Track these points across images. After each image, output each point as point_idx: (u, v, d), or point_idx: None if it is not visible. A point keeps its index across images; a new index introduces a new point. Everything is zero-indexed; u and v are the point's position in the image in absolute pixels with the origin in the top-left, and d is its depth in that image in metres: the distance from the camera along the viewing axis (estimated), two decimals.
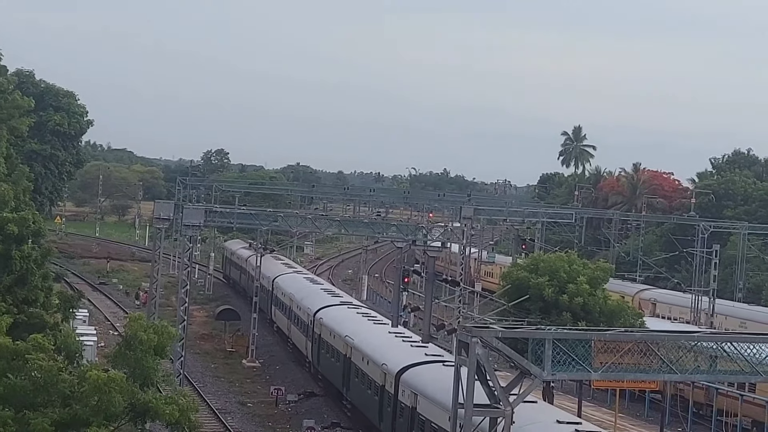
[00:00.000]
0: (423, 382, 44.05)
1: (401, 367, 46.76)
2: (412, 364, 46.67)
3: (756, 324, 77.34)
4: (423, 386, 43.63)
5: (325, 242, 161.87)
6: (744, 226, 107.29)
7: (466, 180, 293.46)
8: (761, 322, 77.46)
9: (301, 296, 72.67)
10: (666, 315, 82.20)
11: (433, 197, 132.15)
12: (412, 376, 45.53)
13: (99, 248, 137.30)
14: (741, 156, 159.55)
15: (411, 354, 48.78)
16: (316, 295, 72.02)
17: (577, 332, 29.65)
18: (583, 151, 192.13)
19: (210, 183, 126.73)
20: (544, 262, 55.04)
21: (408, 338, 54.12)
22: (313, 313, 65.72)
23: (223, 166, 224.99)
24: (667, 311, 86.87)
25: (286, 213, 64.84)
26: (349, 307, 66.55)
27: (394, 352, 50.19)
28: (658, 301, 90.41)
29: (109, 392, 31.96)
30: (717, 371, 29.38)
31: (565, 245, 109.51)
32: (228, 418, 56.69)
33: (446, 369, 43.64)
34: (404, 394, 45.26)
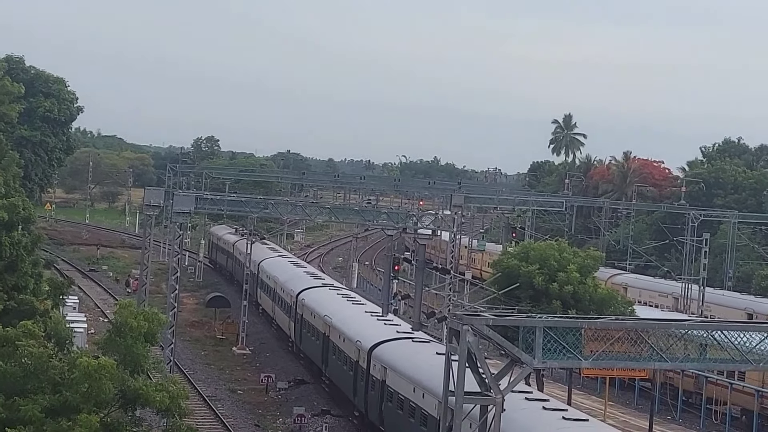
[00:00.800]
0: (392, 357, 46.63)
1: (373, 343, 49.24)
2: (383, 341, 49.18)
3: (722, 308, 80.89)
4: (392, 360, 46.28)
5: (316, 230, 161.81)
6: (734, 215, 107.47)
7: (456, 168, 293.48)
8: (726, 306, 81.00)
9: (285, 279, 74.60)
10: (636, 299, 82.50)
11: (423, 185, 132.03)
12: (382, 352, 47.98)
13: (89, 235, 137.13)
14: (731, 144, 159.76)
15: (383, 331, 51.45)
16: (299, 277, 73.99)
17: (568, 320, 29.68)
18: (574, 139, 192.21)
19: (200, 170, 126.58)
20: (535, 250, 55.10)
21: (383, 317, 56.17)
22: (296, 294, 67.95)
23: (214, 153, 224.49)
24: (638, 295, 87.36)
25: (277, 200, 64.81)
26: (330, 289, 69.07)
27: (368, 329, 52.82)
28: (629, 285, 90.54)
29: (99, 379, 31.95)
30: (707, 359, 29.42)
31: (555, 233, 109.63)
32: (218, 405, 56.71)
33: (414, 344, 47.97)
34: (375, 368, 47.77)
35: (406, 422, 43.38)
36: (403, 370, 44.62)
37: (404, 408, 43.66)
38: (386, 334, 50.79)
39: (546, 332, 27.70)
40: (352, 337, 53.00)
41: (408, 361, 45.32)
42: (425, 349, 47.25)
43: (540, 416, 33.93)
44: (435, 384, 38.36)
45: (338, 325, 56.52)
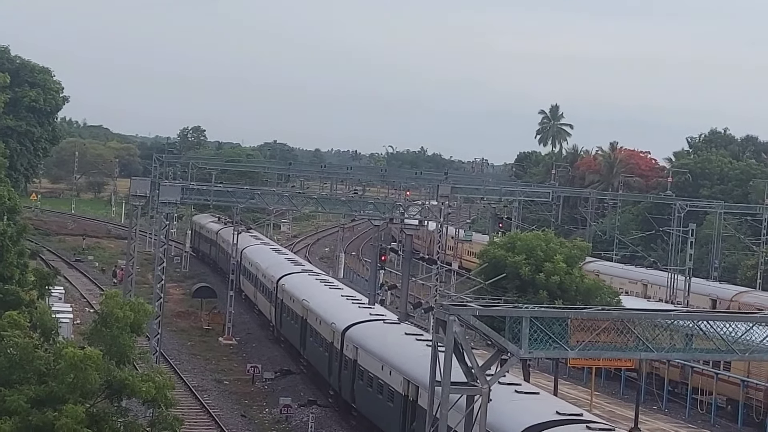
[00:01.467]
0: (363, 338, 48.98)
1: (347, 325, 51.34)
2: (356, 322, 51.35)
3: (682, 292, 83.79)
4: (363, 341, 48.63)
5: (302, 220, 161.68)
6: (720, 206, 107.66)
7: (443, 158, 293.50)
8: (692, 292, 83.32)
9: (267, 265, 76.16)
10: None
11: (410, 175, 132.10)
12: (355, 332, 50.14)
13: (75, 225, 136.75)
14: (717, 135, 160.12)
15: (357, 314, 53.72)
16: (280, 264, 75.54)
17: (554, 310, 29.68)
18: (560, 129, 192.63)
19: (186, 160, 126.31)
20: (521, 240, 55.04)
21: (358, 300, 58.86)
22: (277, 280, 69.66)
23: (200, 143, 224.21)
24: (609, 281, 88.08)
25: (263, 190, 64.77)
26: (309, 275, 70.86)
27: (342, 312, 54.94)
28: (601, 272, 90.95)
29: (85, 369, 31.86)
30: (692, 349, 29.44)
31: (541, 224, 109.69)
32: (204, 396, 56.66)
33: (385, 326, 50.47)
34: (348, 349, 49.96)
35: (375, 399, 45.64)
36: (373, 349, 46.89)
37: (373, 385, 45.69)
38: (359, 316, 52.99)
39: (532, 322, 27.69)
40: (328, 319, 54.97)
41: (377, 341, 47.52)
42: (394, 329, 49.59)
43: (494, 390, 33.81)
44: (401, 362, 43.01)
45: (315, 309, 58.27)
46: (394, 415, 42.73)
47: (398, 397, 42.19)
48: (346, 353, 50.37)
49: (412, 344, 45.35)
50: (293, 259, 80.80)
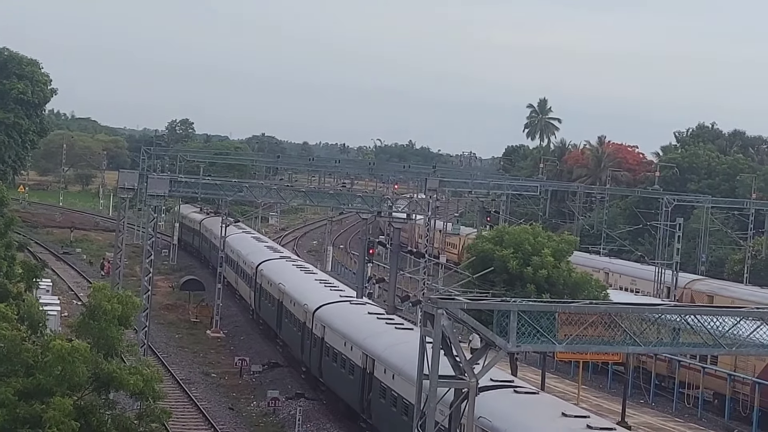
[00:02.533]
0: (331, 317, 52.58)
1: (317, 306, 54.87)
2: (325, 303, 54.86)
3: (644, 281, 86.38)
4: (330, 320, 52.22)
5: (290, 213, 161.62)
6: (707, 200, 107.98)
7: (431, 152, 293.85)
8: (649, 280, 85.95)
9: (247, 252, 79.15)
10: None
11: (398, 169, 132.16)
12: (323, 312, 53.66)
13: (62, 218, 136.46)
14: (705, 130, 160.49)
15: (327, 295, 57.20)
16: (259, 251, 79.04)
17: (542, 304, 29.71)
18: (549, 123, 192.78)
19: (175, 153, 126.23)
20: (509, 234, 55.06)
21: (330, 284, 62.78)
22: (256, 266, 72.78)
23: (188, 136, 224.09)
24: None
25: (251, 183, 64.79)
26: (286, 261, 74.57)
27: (314, 294, 58.46)
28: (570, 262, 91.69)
29: (72, 362, 31.84)
30: (680, 344, 29.48)
31: (529, 218, 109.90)
32: (192, 389, 56.63)
33: (351, 306, 54.17)
34: (317, 327, 53.43)
35: (338, 373, 49.46)
36: (338, 327, 50.62)
37: (338, 360, 49.44)
38: (329, 297, 56.50)
39: (520, 316, 27.72)
40: (301, 301, 58.33)
41: (342, 320, 51.25)
42: (359, 309, 53.23)
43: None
44: (361, 337, 46.94)
45: (290, 292, 61.64)
46: (354, 387, 46.46)
47: (357, 370, 45.92)
48: (315, 332, 53.69)
49: (372, 322, 49.46)
50: (272, 247, 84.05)
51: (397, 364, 41.72)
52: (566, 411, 33.39)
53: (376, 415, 44.07)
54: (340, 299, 56.13)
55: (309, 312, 55.38)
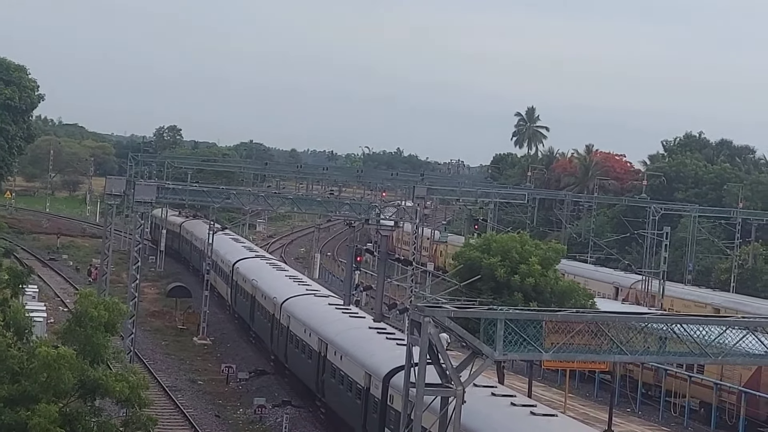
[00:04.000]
0: (295, 308, 57.55)
1: (284, 298, 59.84)
2: (292, 296, 60.01)
3: (596, 282, 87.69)
4: (294, 311, 57.25)
5: (278, 220, 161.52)
6: (694, 209, 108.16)
7: (419, 159, 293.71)
8: (601, 281, 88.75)
9: (224, 252, 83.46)
10: None
11: (386, 176, 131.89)
12: (289, 304, 58.65)
13: (49, 224, 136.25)
14: (692, 139, 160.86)
15: (295, 289, 62.36)
16: (236, 250, 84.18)
17: (529, 312, 29.72)
18: (536, 131, 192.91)
19: (162, 159, 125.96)
20: (497, 242, 54.99)
21: (299, 279, 68.54)
22: (232, 264, 77.76)
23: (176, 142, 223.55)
24: None
25: (239, 190, 64.77)
26: (261, 259, 79.60)
27: (283, 288, 63.50)
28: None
29: (58, 369, 31.72)
30: (666, 352, 29.55)
31: (517, 226, 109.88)
32: (178, 396, 56.52)
33: (315, 298, 59.57)
34: (283, 318, 58.36)
35: (299, 357, 54.66)
36: (300, 317, 55.77)
37: (299, 346, 54.55)
38: (296, 291, 61.83)
39: (507, 324, 27.74)
40: (270, 294, 63.29)
41: (304, 311, 56.60)
42: (320, 301, 58.83)
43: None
44: (318, 325, 52.33)
45: (262, 287, 66.70)
46: (312, 369, 51.72)
47: (314, 354, 51.24)
48: (281, 322, 58.83)
49: (330, 312, 54.99)
50: (248, 246, 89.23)
51: (346, 346, 47.17)
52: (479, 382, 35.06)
53: (328, 394, 49.52)
54: (305, 293, 61.37)
55: (277, 304, 60.35)
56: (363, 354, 45.20)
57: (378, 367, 42.39)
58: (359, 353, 45.49)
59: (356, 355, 45.59)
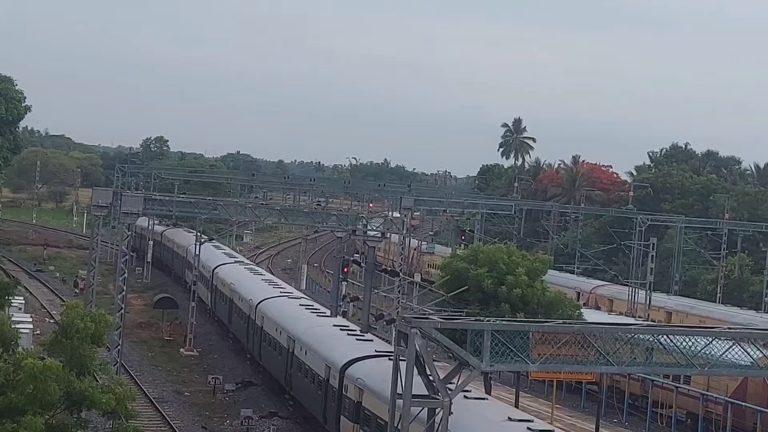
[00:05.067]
0: (268, 309, 61.83)
1: (259, 300, 64.11)
2: (266, 298, 64.25)
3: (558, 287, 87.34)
4: (267, 311, 61.46)
5: (265, 231, 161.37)
6: (681, 220, 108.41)
7: (406, 170, 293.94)
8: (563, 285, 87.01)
9: (206, 258, 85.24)
10: None
11: (373, 187, 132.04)
12: (263, 305, 62.83)
13: (36, 235, 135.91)
14: (678, 150, 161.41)
15: (269, 292, 67.06)
16: (216, 257, 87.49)
17: (516, 324, 29.77)
18: (523, 143, 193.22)
19: (149, 170, 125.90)
20: (484, 253, 55.00)
21: (274, 283, 73.46)
22: (212, 269, 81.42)
23: (163, 153, 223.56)
24: None
25: (226, 201, 64.56)
26: (239, 265, 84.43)
27: (258, 291, 67.73)
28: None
29: (44, 381, 31.65)
30: (653, 363, 29.61)
31: (504, 236, 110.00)
32: (165, 407, 56.39)
33: (287, 299, 64.17)
34: (258, 318, 62.49)
35: (271, 354, 58.62)
36: (273, 316, 59.76)
37: (271, 344, 58.50)
38: (270, 293, 66.41)
39: (494, 335, 27.77)
40: (247, 297, 67.27)
41: (276, 310, 60.69)
42: (292, 302, 63.38)
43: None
44: (288, 323, 56.33)
45: (239, 290, 70.97)
46: (281, 364, 55.64)
47: (284, 351, 55.16)
48: (257, 322, 62.73)
49: (299, 311, 59.45)
50: (228, 253, 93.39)
51: (310, 342, 51.11)
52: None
53: (295, 387, 53.34)
54: (279, 295, 66.06)
55: (253, 306, 64.45)
56: (324, 348, 49.06)
57: (336, 359, 46.15)
58: (321, 348, 49.47)
59: (318, 349, 49.60)
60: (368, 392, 41.03)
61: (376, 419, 39.34)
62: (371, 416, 40.14)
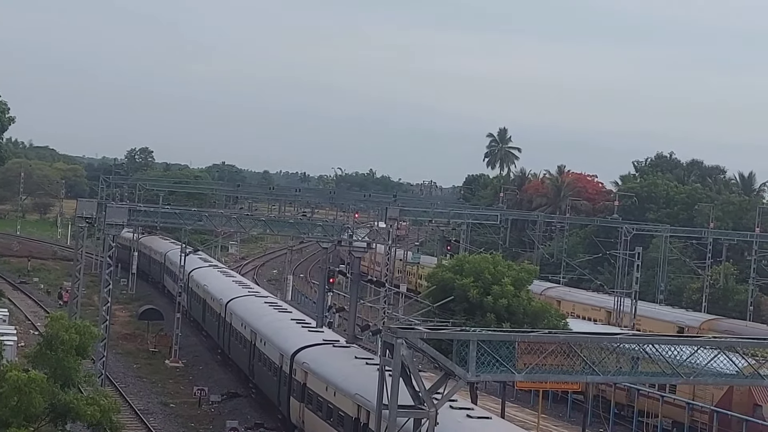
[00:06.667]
0: (236, 307, 67.33)
1: (229, 299, 69.83)
2: (235, 297, 70.07)
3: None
4: (235, 309, 67.17)
5: (250, 242, 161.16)
6: (666, 229, 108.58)
7: (392, 181, 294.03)
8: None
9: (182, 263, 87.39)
10: None
11: (359, 197, 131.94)
12: (233, 304, 68.52)
13: (20, 246, 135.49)
14: (663, 159, 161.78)
15: (238, 291, 73.13)
16: (193, 261, 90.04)
17: (502, 333, 29.73)
18: (509, 152, 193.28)
19: (134, 181, 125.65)
20: (469, 263, 55.05)
21: (243, 284, 79.89)
22: (189, 272, 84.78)
23: (147, 164, 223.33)
24: None
25: (211, 212, 64.52)
26: (214, 268, 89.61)
27: (228, 291, 73.51)
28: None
29: (29, 393, 31.55)
30: (638, 373, 29.59)
31: (490, 246, 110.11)
32: (150, 419, 56.22)
33: (255, 298, 70.08)
34: (228, 315, 68.33)
35: (237, 348, 64.58)
36: (239, 313, 65.43)
37: (238, 338, 64.27)
38: (240, 293, 72.15)
39: (480, 345, 27.72)
40: (218, 296, 73.03)
41: (243, 308, 66.29)
42: (258, 300, 69.31)
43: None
44: (251, 318, 62.32)
45: (211, 290, 76.53)
46: (246, 356, 61.56)
47: (248, 343, 60.91)
48: (226, 319, 68.28)
49: (263, 308, 65.23)
50: (204, 258, 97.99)
51: (269, 334, 56.99)
52: (358, 355, 48.21)
53: (257, 375, 58.95)
54: (247, 294, 71.65)
55: (223, 304, 69.92)
56: (279, 339, 54.92)
57: (288, 348, 51.82)
58: (276, 338, 55.36)
59: (274, 340, 55.45)
60: (311, 374, 47.04)
61: (317, 397, 45.61)
62: (313, 395, 46.15)
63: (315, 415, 45.71)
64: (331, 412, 43.48)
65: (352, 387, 42.02)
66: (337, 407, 42.79)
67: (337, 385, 43.44)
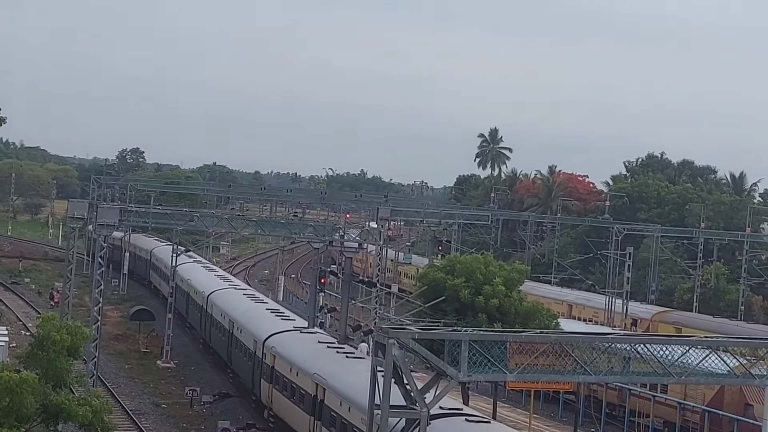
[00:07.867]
0: (217, 299, 70.87)
1: (210, 291, 73.73)
2: (216, 289, 74.07)
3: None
4: (216, 301, 70.41)
5: (242, 242, 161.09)
6: (657, 229, 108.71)
7: (383, 181, 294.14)
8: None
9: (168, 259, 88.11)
10: None
11: (350, 198, 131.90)
12: (213, 296, 72.41)
13: (11, 247, 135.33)
14: (654, 160, 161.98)
15: (219, 284, 77.17)
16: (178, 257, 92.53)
17: (493, 333, 29.75)
18: (500, 153, 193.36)
19: (125, 182, 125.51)
20: (461, 263, 55.13)
21: (224, 278, 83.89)
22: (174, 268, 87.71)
23: (139, 165, 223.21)
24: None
25: (202, 213, 64.53)
26: (198, 264, 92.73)
27: (210, 284, 77.48)
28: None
29: (20, 393, 31.51)
30: (630, 372, 29.62)
31: (481, 247, 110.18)
32: (142, 420, 56.17)
33: (234, 290, 74.26)
34: (209, 307, 71.63)
35: (217, 337, 68.14)
36: (219, 304, 69.10)
37: (218, 328, 67.81)
38: (221, 285, 76.12)
39: (471, 345, 27.74)
40: (200, 290, 76.50)
41: (223, 299, 70.02)
42: (237, 292, 73.47)
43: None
44: (229, 309, 66.17)
45: (194, 284, 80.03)
46: (224, 344, 65.17)
47: (226, 332, 64.62)
48: (207, 310, 71.98)
49: (240, 299, 69.33)
50: (190, 255, 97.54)
51: (245, 323, 60.75)
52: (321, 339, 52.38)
53: (234, 361, 62.67)
54: (228, 287, 75.70)
55: (205, 297, 73.44)
56: (253, 326, 58.76)
57: (261, 334, 55.74)
58: (251, 326, 59.21)
59: (249, 328, 59.26)
60: (279, 357, 51.13)
61: (283, 378, 49.75)
62: (280, 376, 50.37)
63: (281, 394, 50.20)
64: (294, 390, 47.86)
65: (311, 367, 46.25)
66: (299, 386, 47.05)
67: (299, 366, 47.92)
